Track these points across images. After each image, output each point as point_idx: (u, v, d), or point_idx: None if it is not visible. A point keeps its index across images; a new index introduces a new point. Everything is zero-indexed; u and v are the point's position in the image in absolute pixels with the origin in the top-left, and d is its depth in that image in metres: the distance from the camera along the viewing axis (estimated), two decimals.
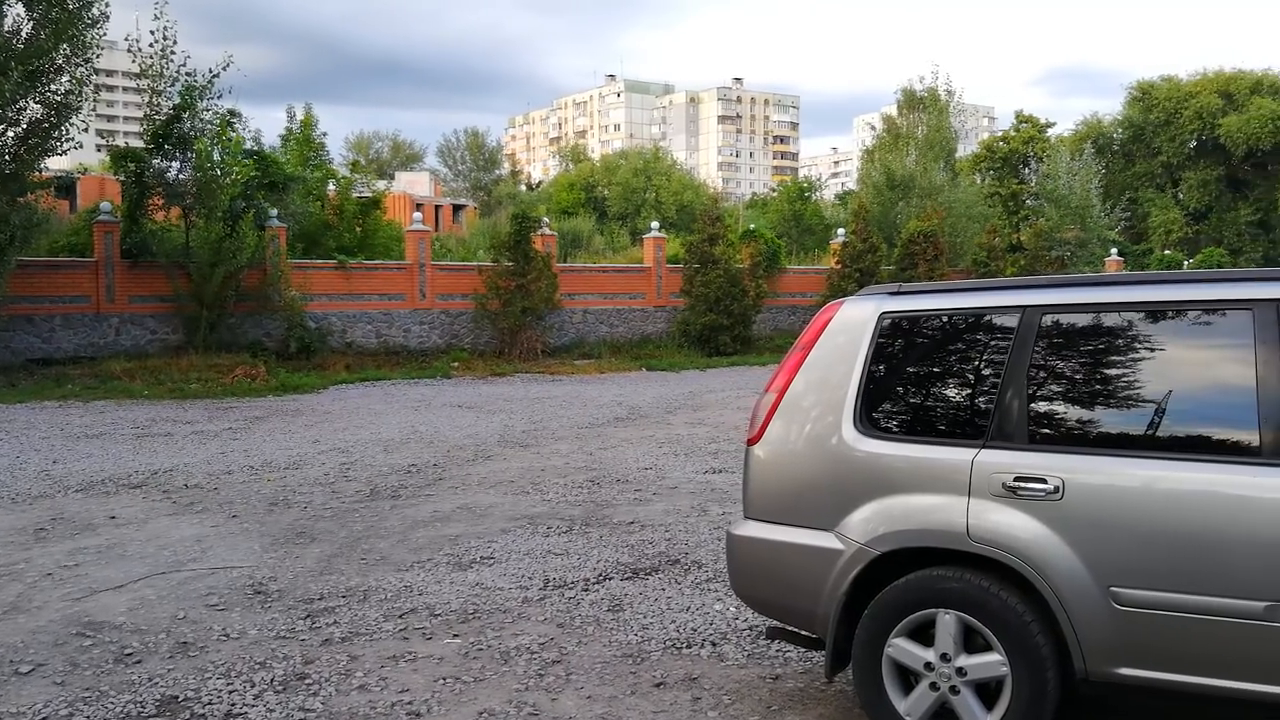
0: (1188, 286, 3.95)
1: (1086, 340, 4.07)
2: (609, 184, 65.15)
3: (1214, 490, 3.68)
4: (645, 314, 28.57)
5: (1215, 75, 58.10)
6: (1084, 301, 4.08)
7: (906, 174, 36.74)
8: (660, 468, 11.54)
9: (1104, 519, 3.81)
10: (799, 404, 4.54)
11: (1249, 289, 3.81)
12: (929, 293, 4.51)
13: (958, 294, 4.43)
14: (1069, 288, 4.16)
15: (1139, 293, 4.01)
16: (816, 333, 4.59)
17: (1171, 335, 3.97)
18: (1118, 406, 3.96)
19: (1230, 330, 3.81)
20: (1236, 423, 3.74)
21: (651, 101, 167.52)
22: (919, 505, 4.15)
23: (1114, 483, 3.82)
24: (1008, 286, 4.31)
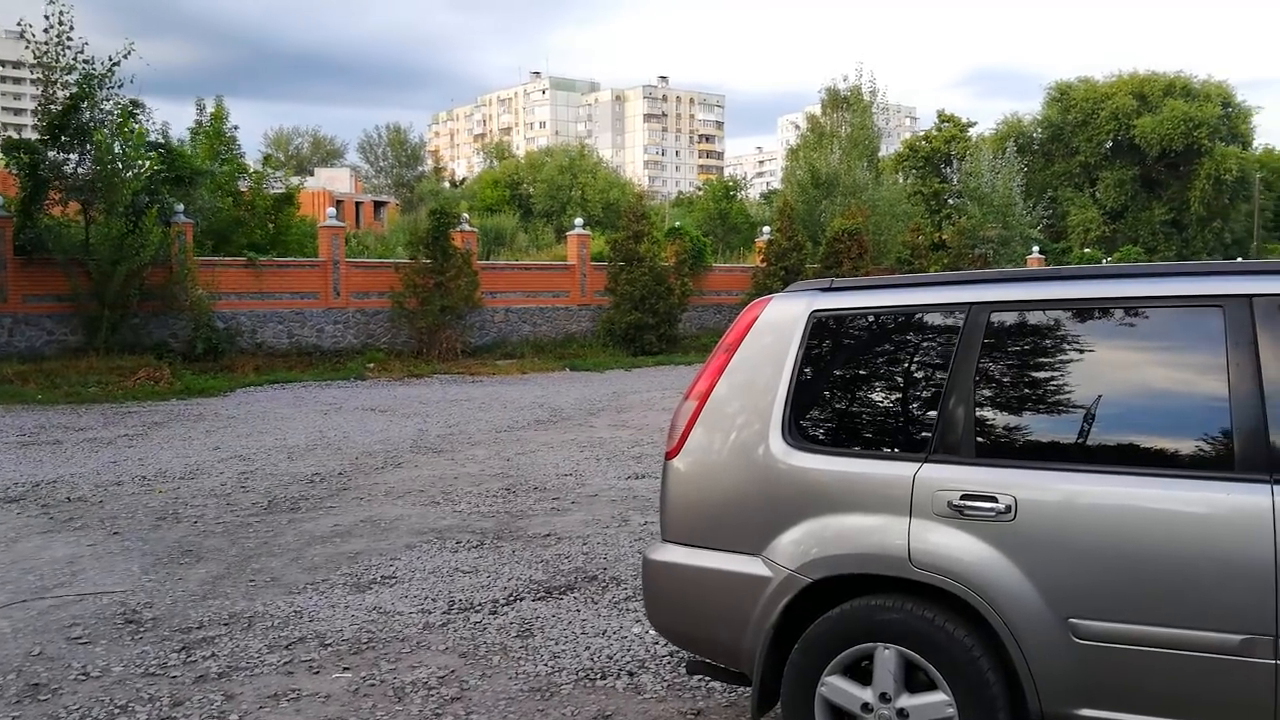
0: (1149, 281, 3.54)
1: (1040, 341, 3.65)
2: (534, 181, 64.49)
3: (1184, 510, 3.26)
4: (569, 313, 28.00)
5: (1130, 77, 59.21)
6: (1037, 298, 3.65)
7: (831, 172, 36.64)
8: (580, 474, 11.02)
9: (1062, 542, 3.38)
10: (722, 413, 4.06)
11: (1219, 284, 3.41)
12: (865, 288, 4.05)
13: (896, 290, 3.97)
14: (1020, 282, 3.73)
15: (1096, 288, 3.59)
16: (741, 333, 4.12)
17: (1133, 337, 3.55)
18: (1075, 416, 3.54)
19: (1199, 331, 3.40)
20: (1208, 434, 3.34)
21: (577, 99, 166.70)
22: (855, 527, 3.70)
23: (1073, 501, 3.39)
24: (952, 281, 3.87)
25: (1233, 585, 3.18)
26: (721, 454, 4.04)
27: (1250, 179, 56.65)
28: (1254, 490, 3.18)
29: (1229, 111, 58.35)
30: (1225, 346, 3.31)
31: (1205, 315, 3.38)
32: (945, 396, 3.66)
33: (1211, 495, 3.24)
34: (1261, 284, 3.34)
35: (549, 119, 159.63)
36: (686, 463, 4.10)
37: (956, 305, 3.75)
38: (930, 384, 3.76)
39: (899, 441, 3.79)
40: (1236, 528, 3.19)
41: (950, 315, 3.77)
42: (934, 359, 3.79)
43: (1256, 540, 3.15)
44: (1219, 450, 3.30)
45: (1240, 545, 3.17)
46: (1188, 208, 55.69)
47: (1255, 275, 3.38)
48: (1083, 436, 3.50)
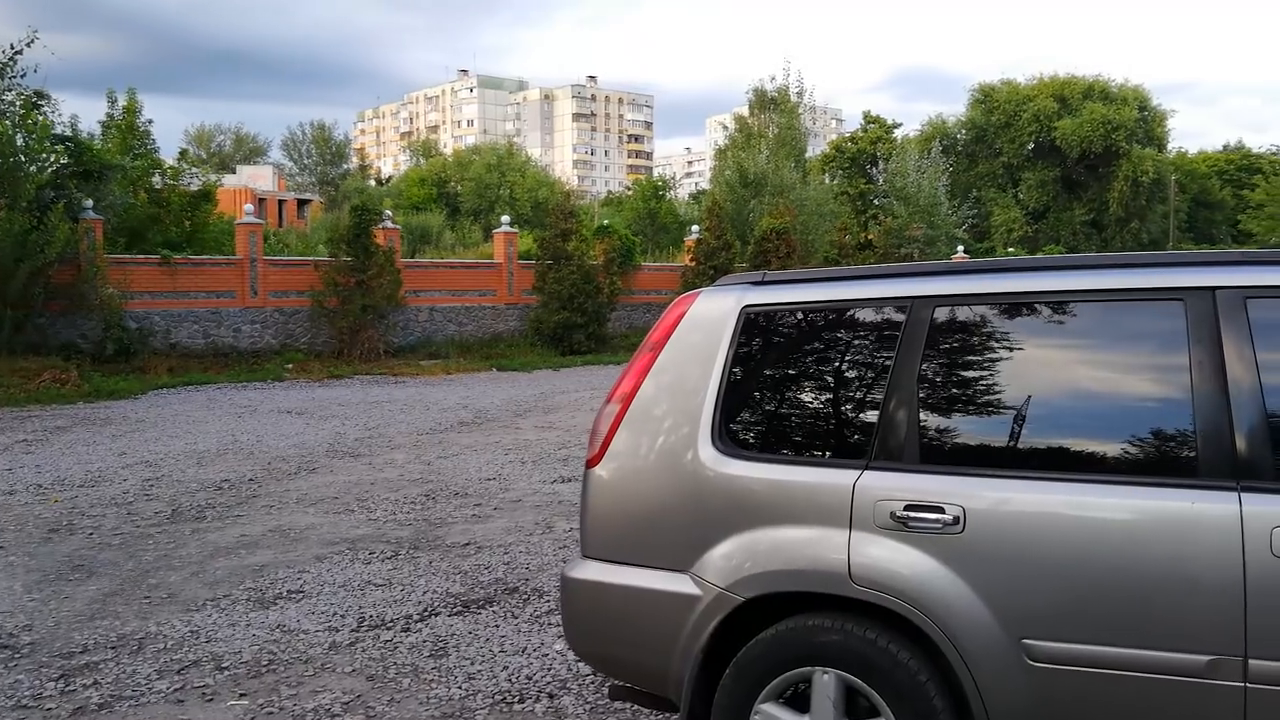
0: (1104, 273, 3.28)
1: (988, 339, 3.37)
2: (461, 180, 63.90)
3: (1146, 521, 3.00)
4: (496, 312, 27.53)
5: (1051, 80, 60.28)
6: (984, 292, 3.37)
7: (759, 171, 36.58)
8: (504, 478, 10.64)
9: (1015, 556, 3.11)
10: (647, 417, 3.73)
11: (1179, 275, 3.16)
12: (800, 282, 3.74)
13: (833, 284, 3.67)
14: (966, 275, 3.45)
15: (1047, 281, 3.32)
16: (668, 330, 3.80)
17: (1088, 333, 3.29)
18: (1027, 419, 3.27)
19: (1159, 326, 3.15)
20: (1170, 438, 3.09)
21: (505, 98, 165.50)
22: (790, 540, 3.39)
23: (1026, 512, 3.12)
24: (892, 275, 3.59)
25: (1198, 602, 2.93)
26: (646, 462, 3.71)
27: (1166, 181, 57.94)
28: (1219, 498, 2.94)
29: (1145, 115, 59.66)
30: (1187, 343, 3.07)
31: (1165, 309, 3.14)
32: (886, 398, 3.38)
33: (1175, 504, 2.98)
34: (1224, 275, 3.10)
35: (477, 117, 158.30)
36: (609, 471, 3.77)
37: (897, 300, 3.47)
38: (870, 385, 3.47)
39: (837, 447, 3.50)
40: (1201, 539, 2.94)
41: (891, 311, 3.48)
42: (874, 358, 3.50)
43: (1223, 552, 2.90)
44: (1181, 455, 3.06)
45: (1206, 558, 2.92)
46: (1106, 208, 56.78)
47: (1218, 266, 3.14)
48: (1035, 441, 3.24)
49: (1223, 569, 2.90)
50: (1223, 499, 2.93)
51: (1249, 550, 2.87)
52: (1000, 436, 3.28)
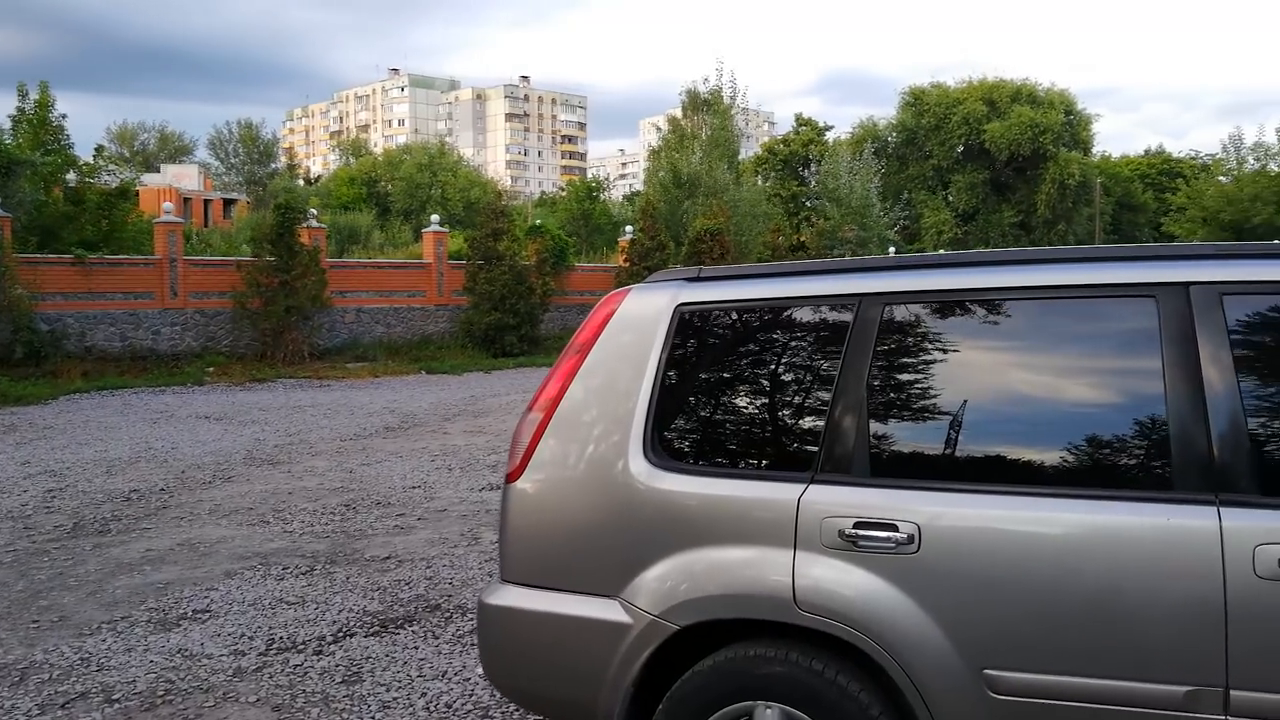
0: (1067, 268, 3.01)
1: (943, 339, 3.09)
2: (392, 179, 62.96)
3: (1117, 538, 2.74)
4: (425, 313, 26.98)
5: (980, 83, 60.91)
6: (938, 288, 3.09)
7: (693, 172, 36.41)
8: (430, 486, 10.23)
9: (975, 579, 2.83)
10: (572, 427, 3.40)
11: (1150, 270, 2.90)
12: (738, 279, 3.43)
13: (774, 280, 3.36)
14: (918, 271, 3.16)
15: (1006, 276, 3.04)
16: (595, 331, 3.47)
17: (1051, 334, 3.02)
18: (988, 426, 2.99)
19: (1129, 326, 2.90)
20: (1142, 447, 2.83)
21: (437, 97, 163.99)
22: (729, 561, 3.08)
23: (987, 529, 2.84)
24: (839, 270, 3.29)
25: (1176, 627, 2.67)
26: (572, 475, 3.38)
27: (1091, 183, 58.86)
28: (1197, 513, 2.68)
29: (1071, 119, 60.53)
30: (1160, 343, 2.81)
31: (1136, 307, 2.88)
32: (833, 405, 3.08)
33: (1148, 520, 2.72)
34: (1199, 270, 2.86)
35: (408, 117, 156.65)
36: (531, 486, 3.43)
37: (845, 298, 3.18)
38: (815, 390, 3.17)
39: (779, 459, 3.20)
40: (1178, 559, 2.68)
41: (837, 309, 3.19)
42: (819, 361, 3.20)
43: (1202, 572, 2.65)
44: (1155, 467, 2.80)
45: (1183, 579, 2.67)
46: (1034, 210, 57.51)
47: (1193, 260, 2.89)
48: (995, 452, 2.96)
49: (1202, 591, 2.65)
50: (1200, 514, 2.68)
51: (1230, 570, 2.62)
52: (956, 446, 3.00)
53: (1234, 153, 47.26)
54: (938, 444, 3.02)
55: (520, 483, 3.43)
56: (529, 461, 3.42)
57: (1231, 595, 2.61)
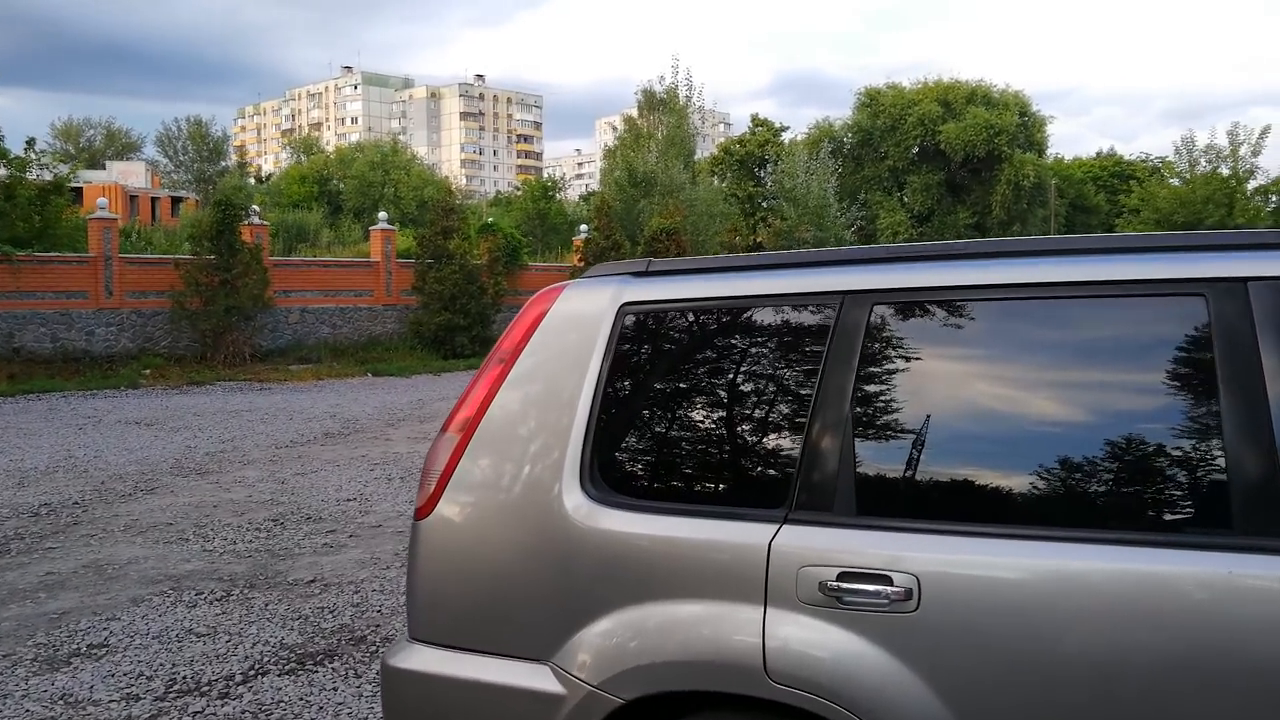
0: (1098, 261, 2.46)
1: (949, 346, 2.55)
2: (344, 178, 61.98)
3: (1168, 595, 2.20)
4: (373, 313, 26.21)
5: (936, 84, 60.92)
6: (942, 284, 2.53)
7: (648, 171, 35.93)
8: (366, 498, 9.59)
9: (989, 644, 2.28)
10: (494, 452, 2.82)
11: (1200, 264, 2.37)
12: (694, 273, 2.85)
13: (738, 275, 2.78)
14: (915, 263, 2.60)
15: (1026, 271, 2.48)
16: (522, 336, 2.88)
17: (1080, 340, 2.46)
18: (1004, 453, 2.44)
19: (1174, 329, 2.36)
20: (1193, 479, 2.30)
21: (391, 95, 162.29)
22: (685, 620, 2.52)
23: (1004, 581, 2.30)
24: (814, 263, 2.73)
25: (1237, 700, 2.14)
26: (494, 512, 2.80)
27: (1046, 185, 59.08)
28: (1263, 563, 2.15)
29: (1026, 120, 60.67)
30: (1213, 351, 2.28)
31: (1182, 307, 2.34)
32: (811, 426, 2.52)
33: (1202, 570, 2.19)
34: (1261, 262, 2.32)
35: (361, 115, 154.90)
36: (445, 525, 2.84)
37: (823, 296, 2.62)
38: (789, 408, 2.61)
39: (747, 492, 2.64)
40: (1243, 619, 2.15)
41: (815, 310, 2.63)
42: (794, 373, 2.64)
43: (1269, 633, 2.12)
44: (1210, 503, 2.27)
45: (1251, 646, 2.14)
46: (989, 212, 57.54)
47: (1253, 251, 2.35)
48: (1014, 484, 2.42)
49: (1273, 660, 2.11)
50: (1268, 564, 2.14)
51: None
52: (966, 477, 2.45)
53: (1186, 155, 47.43)
54: (941, 474, 2.46)
55: (432, 520, 2.84)
56: (442, 494, 2.83)
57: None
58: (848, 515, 2.44)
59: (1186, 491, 2.30)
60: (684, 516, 2.59)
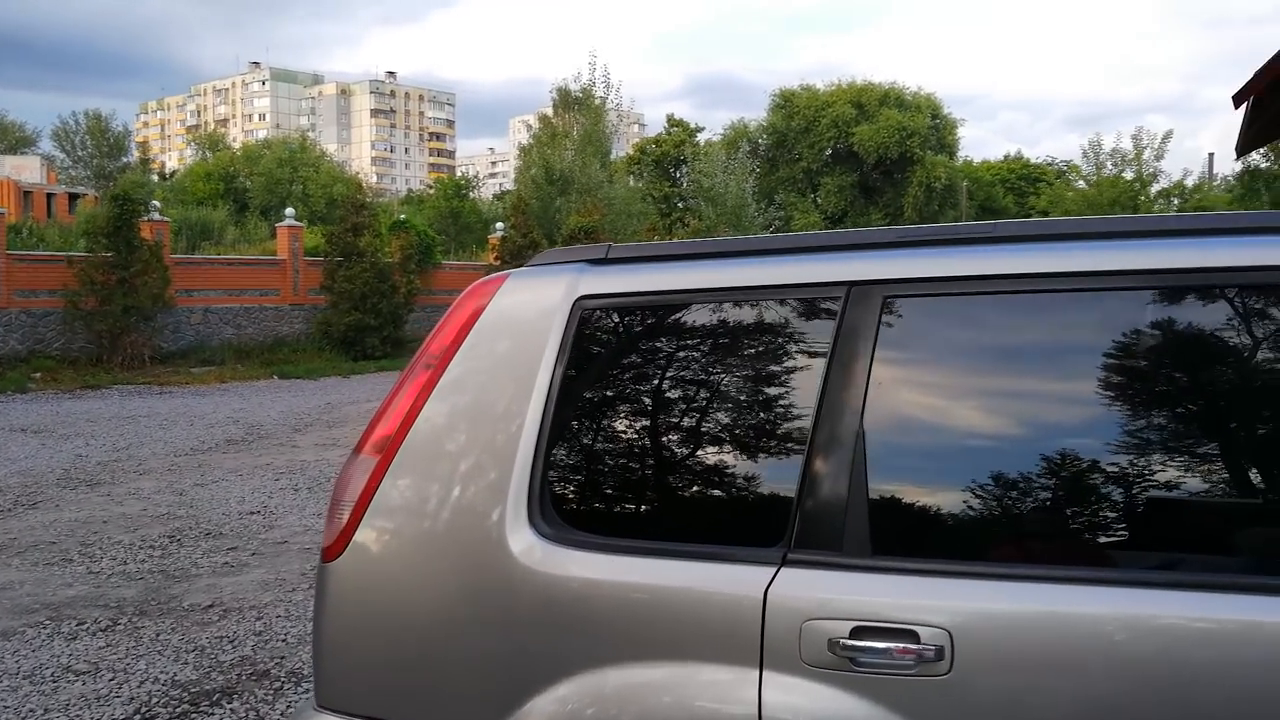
0: (1164, 244, 2.03)
1: (985, 347, 2.11)
2: (251, 175, 60.34)
3: (1246, 648, 1.79)
4: (280, 313, 25.23)
5: (849, 86, 61.41)
6: (978, 273, 2.08)
7: (566, 168, 35.42)
8: (271, 510, 8.93)
9: (1038, 714, 1.85)
10: (421, 478, 2.31)
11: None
12: (665, 260, 2.37)
13: (720, 263, 2.31)
14: (936, 249, 2.15)
15: (1076, 257, 2.03)
16: (456, 335, 2.38)
17: (1146, 337, 2.04)
18: (1058, 477, 2.01)
19: (1255, 322, 1.95)
20: (1268, 501, 1.90)
21: (300, 91, 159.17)
22: (661, 686, 2.05)
23: (1059, 634, 1.86)
24: (815, 248, 2.27)
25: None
26: (420, 554, 2.29)
27: (957, 187, 59.89)
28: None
29: (937, 123, 61.49)
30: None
31: (1261, 298, 1.94)
32: (813, 445, 2.07)
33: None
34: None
35: (269, 111, 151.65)
36: (358, 569, 2.33)
37: (826, 288, 2.16)
38: (787, 423, 2.16)
39: (736, 527, 2.17)
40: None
41: (815, 305, 2.18)
42: (792, 380, 2.18)
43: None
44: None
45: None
46: (902, 213, 58.10)
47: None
48: (1073, 514, 1.99)
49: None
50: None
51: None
52: (1009, 506, 2.02)
53: (1093, 158, 48.42)
54: (977, 502, 2.02)
55: (343, 562, 2.33)
56: (356, 530, 2.32)
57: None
58: (861, 555, 1.99)
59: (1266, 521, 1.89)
60: (657, 558, 2.11)
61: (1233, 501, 1.91)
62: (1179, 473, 1.90)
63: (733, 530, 2.14)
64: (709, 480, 2.20)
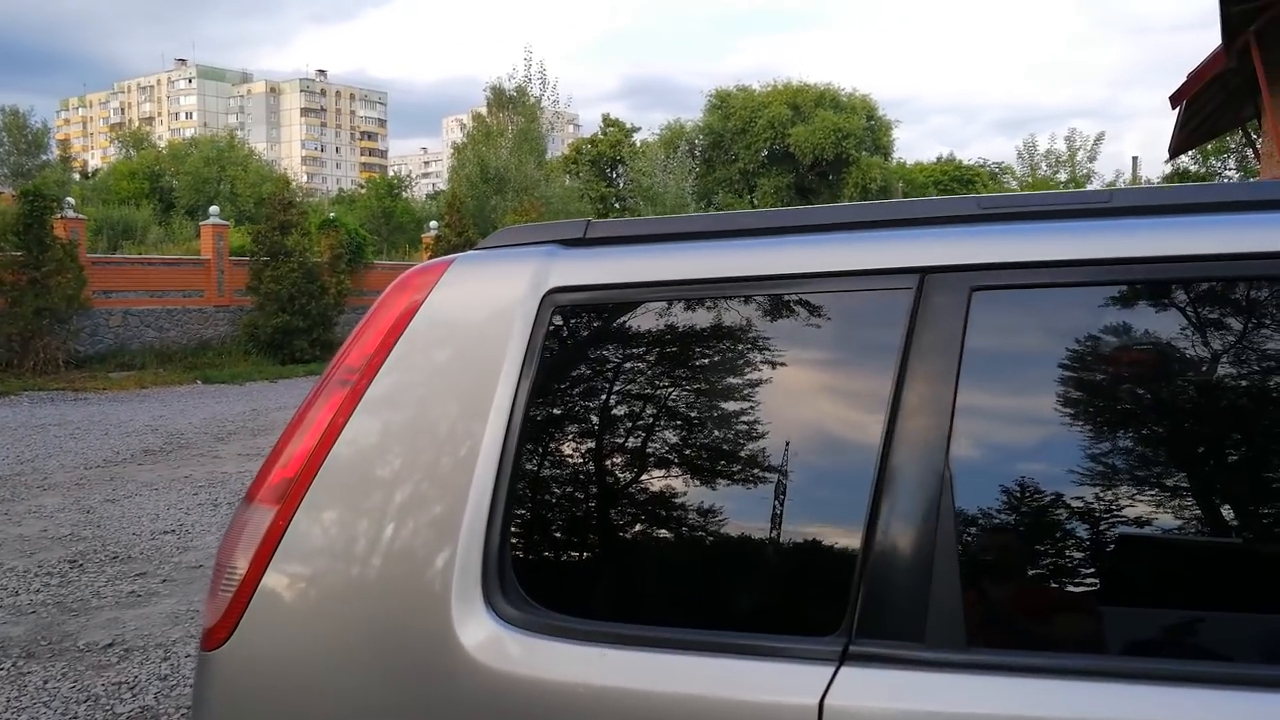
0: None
1: (1122, 354, 1.55)
2: (177, 173, 58.79)
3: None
4: (204, 315, 24.20)
5: (785, 87, 61.42)
6: (1102, 256, 1.52)
7: (501, 166, 34.71)
8: (187, 529, 8.20)
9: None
10: (333, 538, 1.71)
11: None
12: (660, 240, 1.79)
13: (734, 244, 1.73)
14: (1049, 222, 1.59)
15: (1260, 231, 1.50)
16: (381, 341, 1.78)
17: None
18: (1241, 537, 1.46)
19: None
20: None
21: (227, 90, 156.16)
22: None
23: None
24: (873, 222, 1.69)
25: None
26: (333, 642, 1.69)
27: (892, 188, 60.08)
28: None
29: (872, 124, 61.72)
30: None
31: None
32: (880, 491, 1.50)
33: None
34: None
35: (196, 109, 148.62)
36: (249, 661, 1.72)
37: (890, 276, 1.60)
38: (843, 464, 1.58)
39: (778, 609, 1.59)
40: None
41: (876, 297, 1.61)
42: (847, 404, 1.61)
43: None
44: None
45: None
46: None
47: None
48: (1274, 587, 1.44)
49: None
50: None
51: None
52: (1171, 574, 1.46)
53: (1028, 158, 48.77)
54: (1118, 575, 1.46)
55: (228, 652, 1.72)
56: (246, 608, 1.70)
57: None
58: (952, 648, 1.43)
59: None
60: (665, 652, 1.53)
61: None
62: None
63: (774, 613, 1.57)
64: (737, 543, 1.61)
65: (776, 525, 1.59)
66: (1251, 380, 1.45)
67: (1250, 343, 1.45)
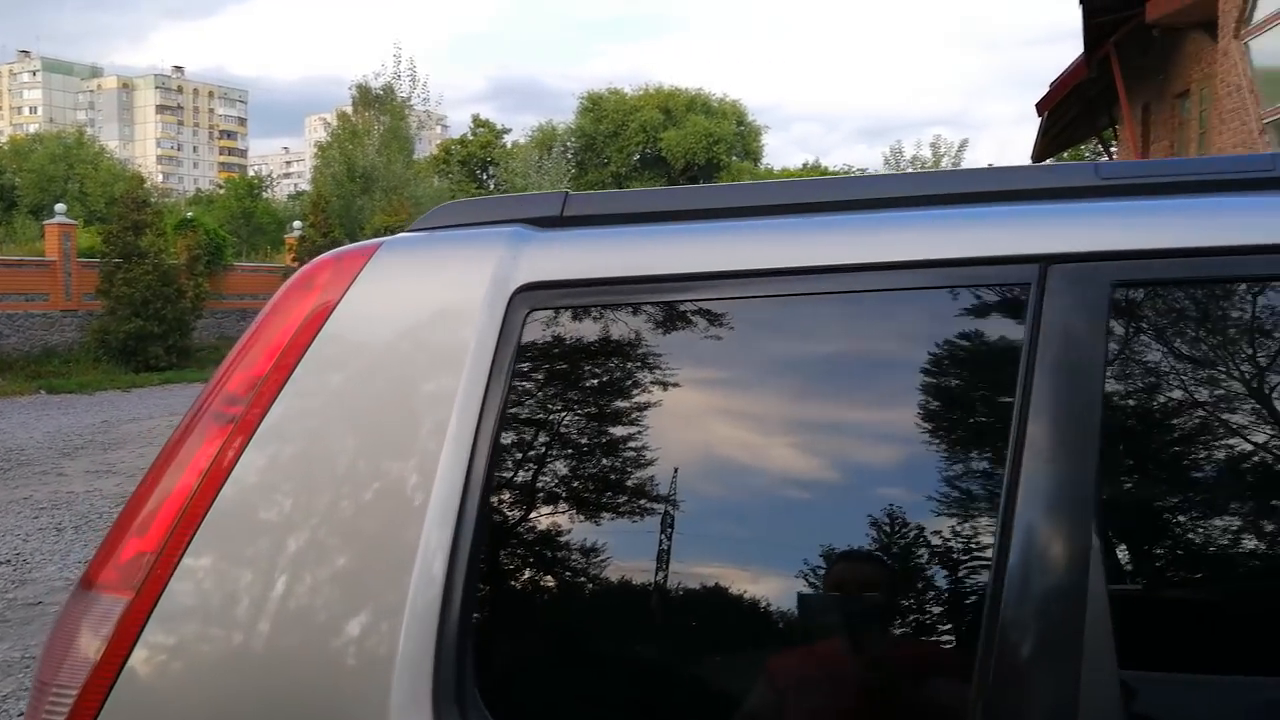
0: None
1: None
2: (20, 171, 55.83)
3: None
4: (49, 320, 22.68)
5: (656, 91, 61.64)
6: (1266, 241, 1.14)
7: (369, 165, 33.75)
8: (25, 559, 7.37)
9: None
10: (212, 637, 1.20)
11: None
12: (667, 218, 1.33)
13: (778, 224, 1.29)
14: (1209, 197, 1.20)
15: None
16: (278, 360, 1.27)
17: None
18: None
19: None
20: None
21: (76, 84, 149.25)
22: None
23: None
24: (977, 193, 1.26)
25: None
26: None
27: None
28: None
29: (742, 130, 62.41)
30: None
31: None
32: (1005, 547, 1.08)
33: None
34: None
35: (42, 104, 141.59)
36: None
37: (1001, 268, 1.17)
38: (941, 515, 1.15)
39: (848, 710, 1.15)
40: None
41: (975, 296, 1.18)
42: (948, 433, 1.18)
43: None
44: None
45: None
46: None
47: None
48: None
49: None
50: None
51: None
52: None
53: (895, 164, 49.82)
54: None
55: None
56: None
57: None
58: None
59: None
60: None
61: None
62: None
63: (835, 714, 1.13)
64: (789, 631, 1.16)
65: (838, 613, 1.15)
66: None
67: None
